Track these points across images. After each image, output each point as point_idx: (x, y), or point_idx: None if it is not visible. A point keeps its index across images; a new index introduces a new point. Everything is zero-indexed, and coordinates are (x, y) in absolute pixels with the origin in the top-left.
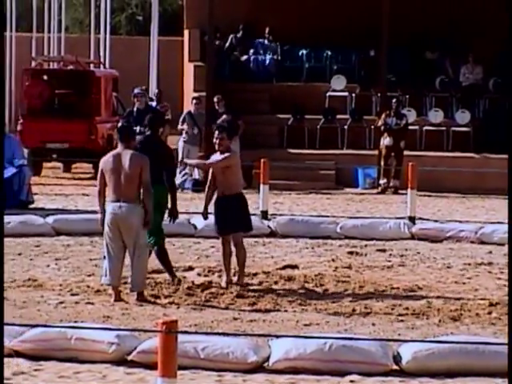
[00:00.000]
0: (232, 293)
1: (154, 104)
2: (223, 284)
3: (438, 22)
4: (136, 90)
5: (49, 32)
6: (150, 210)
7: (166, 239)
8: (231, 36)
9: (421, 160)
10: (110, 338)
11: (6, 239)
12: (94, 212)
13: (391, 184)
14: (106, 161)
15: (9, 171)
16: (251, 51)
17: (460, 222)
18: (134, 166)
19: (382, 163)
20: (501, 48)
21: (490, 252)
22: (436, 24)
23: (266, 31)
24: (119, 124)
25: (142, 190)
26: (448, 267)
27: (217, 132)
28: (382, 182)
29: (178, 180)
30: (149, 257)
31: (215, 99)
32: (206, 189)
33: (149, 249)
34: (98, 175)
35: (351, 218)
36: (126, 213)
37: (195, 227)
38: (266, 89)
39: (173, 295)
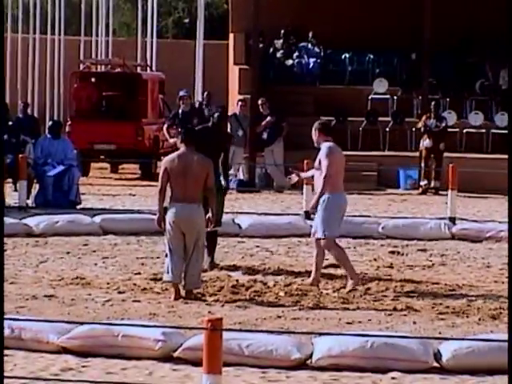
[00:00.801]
0: (276, 291)
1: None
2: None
3: (480, 26)
4: (181, 93)
5: (97, 35)
6: (213, 212)
7: None
8: (276, 41)
9: (461, 161)
10: (157, 335)
11: (55, 238)
12: (141, 212)
13: (432, 185)
14: (171, 160)
15: (57, 169)
16: (295, 55)
17: (499, 222)
18: (201, 168)
19: (423, 164)
20: None
21: None
22: (478, 27)
23: (310, 35)
24: (166, 125)
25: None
26: (488, 267)
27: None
28: (422, 183)
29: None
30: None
31: (260, 101)
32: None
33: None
34: (161, 174)
35: (393, 218)
36: (190, 214)
37: (240, 227)
38: (310, 91)
39: (218, 293)
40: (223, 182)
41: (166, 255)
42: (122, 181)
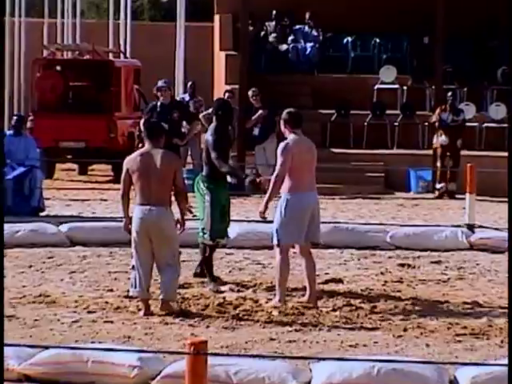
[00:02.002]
0: (268, 310)
1: (186, 98)
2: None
3: (503, 5)
4: (160, 83)
5: (62, 17)
6: (183, 214)
7: (193, 250)
8: (267, 23)
9: (480, 161)
10: (132, 360)
11: (15, 250)
12: (114, 219)
13: (447, 188)
14: (132, 160)
15: (17, 171)
16: (290, 39)
17: None
18: (166, 166)
19: (438, 164)
20: None
21: None
22: (500, 7)
23: (307, 16)
24: (143, 120)
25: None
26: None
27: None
28: (438, 185)
29: None
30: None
31: (250, 93)
32: None
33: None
34: (123, 176)
35: (402, 225)
36: (156, 217)
37: (227, 236)
38: (307, 81)
39: (202, 313)
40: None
41: (133, 267)
42: (92, 184)
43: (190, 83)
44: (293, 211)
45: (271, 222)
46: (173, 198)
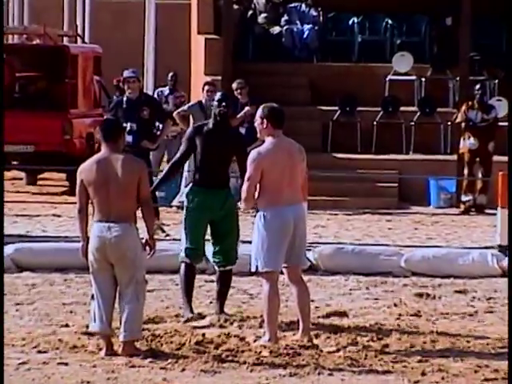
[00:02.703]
0: (258, 350)
1: (166, 92)
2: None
3: None
4: (126, 73)
5: None
6: (152, 232)
7: (167, 277)
8: (256, 0)
9: None
10: None
11: None
12: (69, 239)
13: (477, 201)
14: (87, 169)
15: None
16: (284, 20)
17: None
18: (128, 173)
19: (465, 172)
20: None
21: None
22: None
23: None
24: (104, 118)
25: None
26: None
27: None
28: (465, 198)
29: (181, 196)
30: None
31: (234, 85)
32: None
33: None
34: (77, 188)
35: (420, 247)
36: (116, 236)
37: (207, 260)
38: (305, 71)
39: (176, 353)
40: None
41: (92, 296)
42: (42, 196)
43: (170, 74)
44: (270, 230)
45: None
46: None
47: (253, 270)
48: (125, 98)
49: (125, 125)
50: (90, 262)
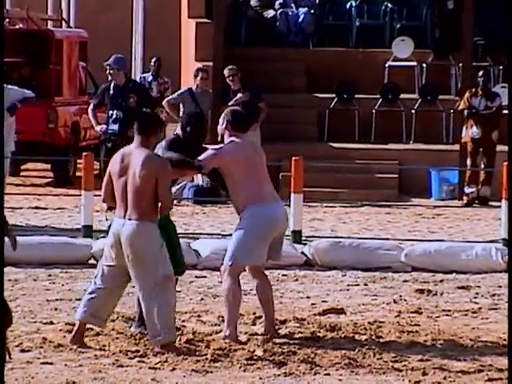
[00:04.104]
0: (251, 349)
1: (149, 78)
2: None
3: None
4: (113, 59)
5: None
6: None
7: None
8: None
9: None
10: None
11: None
12: (54, 233)
13: (480, 193)
14: (113, 160)
15: None
16: (278, 3)
17: None
18: (145, 171)
19: (468, 163)
20: None
21: None
22: None
23: None
24: (92, 106)
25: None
26: None
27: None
28: (468, 190)
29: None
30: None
31: (226, 71)
32: None
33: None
34: (104, 179)
35: (421, 241)
36: (128, 233)
37: (198, 255)
38: (300, 57)
39: (166, 352)
40: None
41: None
42: (25, 188)
43: (153, 59)
44: (261, 225)
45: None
46: None
47: (229, 263)
48: (112, 85)
49: (111, 112)
50: (104, 255)
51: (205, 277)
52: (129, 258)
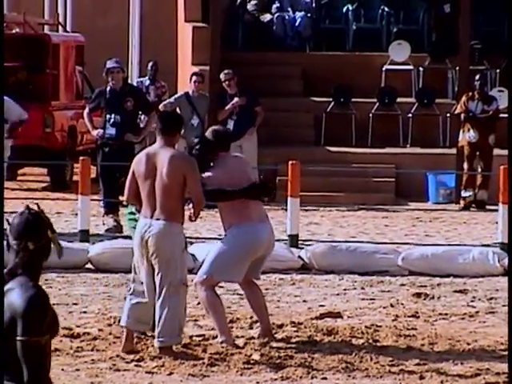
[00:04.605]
0: (248, 353)
1: (146, 82)
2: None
3: None
4: (110, 63)
5: None
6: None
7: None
8: None
9: None
10: None
11: None
12: None
13: (477, 197)
14: (138, 160)
15: None
16: (275, 7)
17: None
18: (173, 169)
19: (465, 167)
20: None
21: None
22: None
23: None
24: (87, 109)
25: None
26: None
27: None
28: (465, 193)
29: None
30: None
31: (223, 76)
32: None
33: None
34: (128, 178)
35: (418, 244)
36: (153, 233)
37: (195, 259)
38: (297, 60)
39: (163, 356)
40: None
41: (130, 290)
42: (22, 192)
43: (150, 64)
44: (243, 245)
45: (278, 240)
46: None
47: (203, 276)
48: (108, 88)
49: (108, 116)
50: (134, 258)
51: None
52: (153, 255)
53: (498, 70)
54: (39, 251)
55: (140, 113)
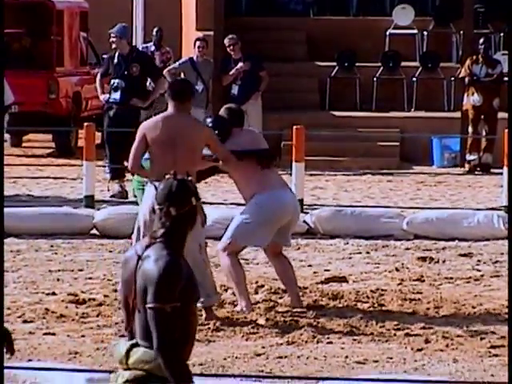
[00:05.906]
0: (254, 318)
1: (151, 48)
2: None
3: None
4: (115, 29)
5: None
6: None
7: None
8: None
9: None
10: (79, 382)
11: None
12: (56, 203)
13: (481, 160)
14: (152, 126)
15: None
16: None
17: None
18: (196, 134)
19: (469, 130)
20: None
21: None
22: None
23: None
24: (99, 75)
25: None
26: None
27: None
28: (470, 157)
29: None
30: None
31: (227, 41)
32: None
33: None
34: (136, 144)
35: (423, 208)
36: None
37: None
38: (301, 25)
39: None
40: None
41: None
42: (27, 158)
43: (155, 29)
44: (266, 211)
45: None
46: None
47: (227, 241)
48: (116, 54)
49: (113, 81)
50: (140, 223)
51: (208, 246)
52: None
53: (501, 34)
54: (182, 218)
55: (147, 78)
